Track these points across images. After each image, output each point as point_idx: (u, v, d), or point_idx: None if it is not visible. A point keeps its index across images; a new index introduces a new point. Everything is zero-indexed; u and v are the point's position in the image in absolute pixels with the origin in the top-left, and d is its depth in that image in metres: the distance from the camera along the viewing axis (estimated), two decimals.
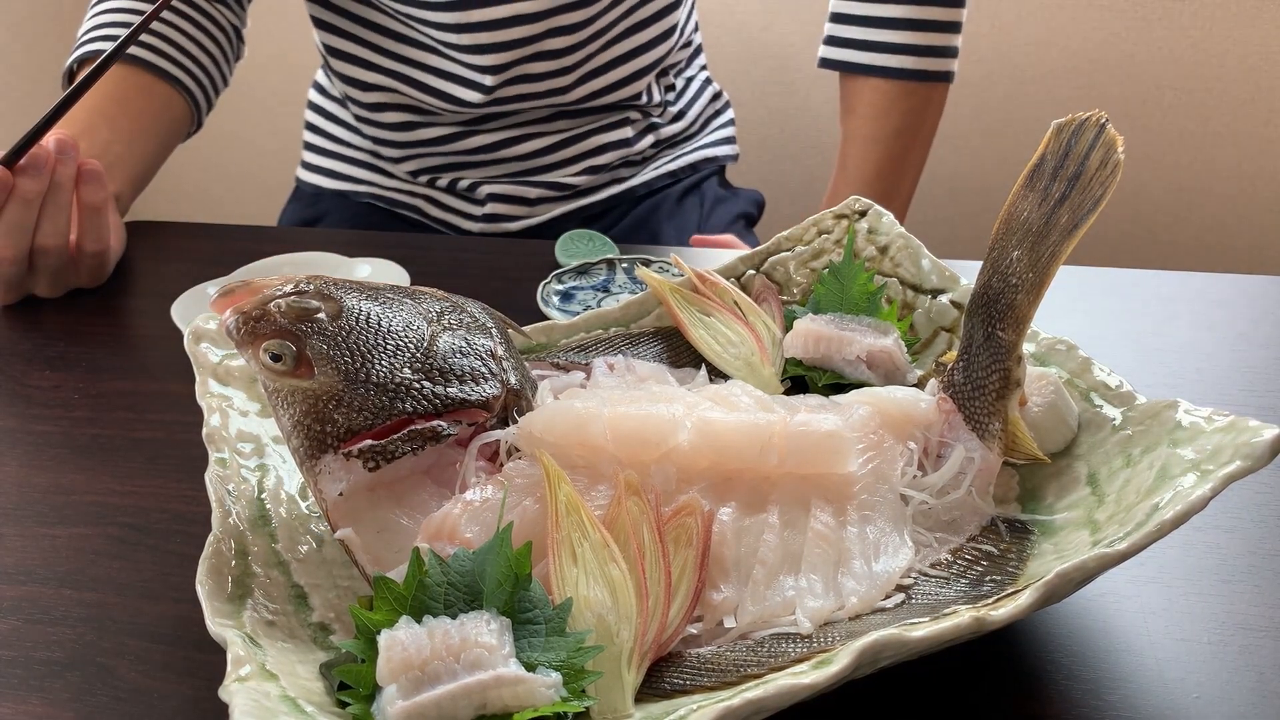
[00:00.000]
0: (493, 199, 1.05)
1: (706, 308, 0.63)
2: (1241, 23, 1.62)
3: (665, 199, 1.10)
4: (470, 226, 1.07)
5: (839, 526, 0.47)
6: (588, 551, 0.43)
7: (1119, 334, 0.72)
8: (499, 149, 1.05)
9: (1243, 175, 1.70)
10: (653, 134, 1.10)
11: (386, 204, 1.10)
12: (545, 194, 1.06)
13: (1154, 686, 0.45)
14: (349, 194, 1.12)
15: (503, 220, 1.06)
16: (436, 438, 0.47)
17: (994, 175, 1.79)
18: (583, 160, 1.06)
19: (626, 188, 1.08)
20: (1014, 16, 1.70)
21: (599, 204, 1.08)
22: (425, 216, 1.09)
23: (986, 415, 0.50)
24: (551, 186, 1.06)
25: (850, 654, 0.38)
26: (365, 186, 1.11)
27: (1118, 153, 0.47)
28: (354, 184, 1.12)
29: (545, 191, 1.06)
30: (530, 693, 0.39)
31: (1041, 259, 0.49)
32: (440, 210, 1.08)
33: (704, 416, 0.48)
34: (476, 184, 1.06)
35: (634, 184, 1.09)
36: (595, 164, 1.06)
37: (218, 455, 0.51)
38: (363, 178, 1.11)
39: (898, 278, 0.66)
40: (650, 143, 1.10)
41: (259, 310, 0.48)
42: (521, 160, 1.05)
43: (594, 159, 1.06)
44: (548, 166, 1.06)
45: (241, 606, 0.44)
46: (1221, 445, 0.44)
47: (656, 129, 1.10)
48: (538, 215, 1.06)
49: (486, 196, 1.05)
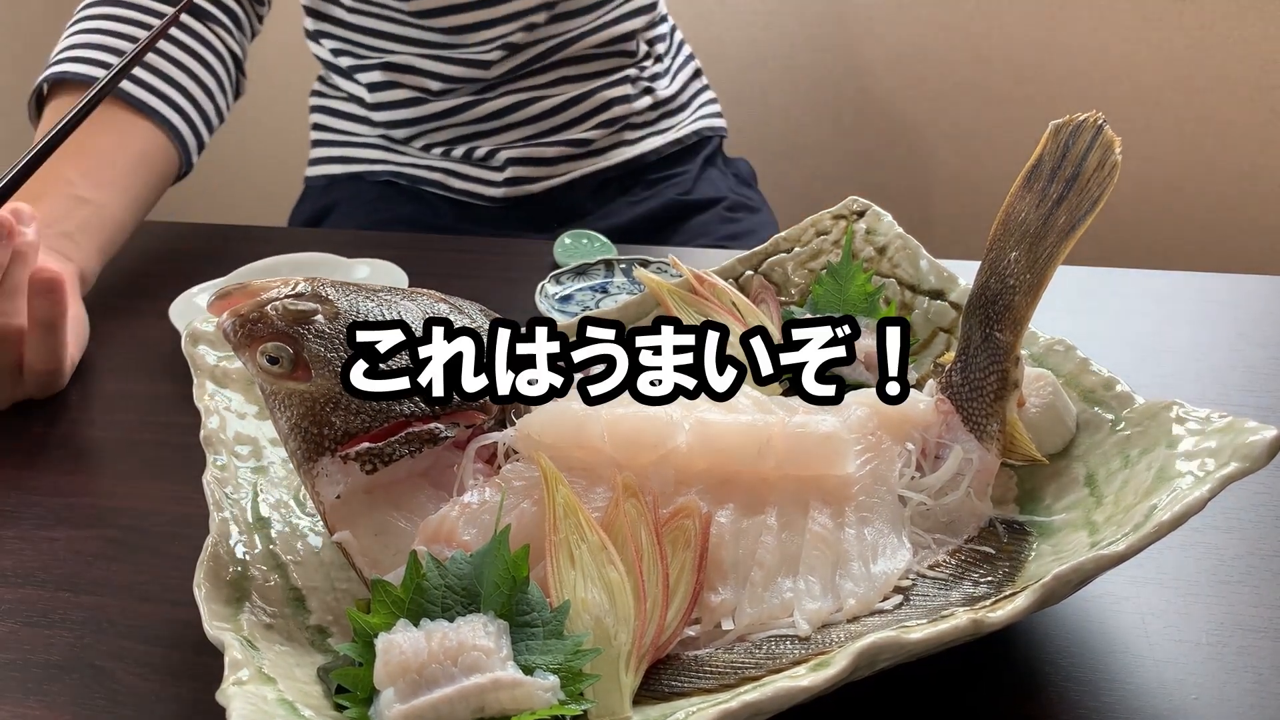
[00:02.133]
0: (512, 163, 1.05)
1: (704, 309, 0.63)
2: (1241, 23, 1.62)
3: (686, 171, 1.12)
4: (493, 193, 1.06)
5: (837, 528, 0.47)
6: (585, 554, 0.43)
7: (1117, 334, 0.72)
8: (508, 113, 1.05)
9: (1242, 175, 1.70)
10: (649, 96, 1.12)
11: (408, 180, 1.08)
12: (563, 151, 1.06)
13: (1152, 687, 0.45)
14: (364, 175, 1.10)
15: (525, 183, 1.06)
16: (434, 440, 0.47)
17: (993, 175, 1.79)
18: (592, 116, 1.07)
19: (638, 152, 1.10)
20: (1014, 16, 1.70)
21: (616, 168, 1.09)
22: (448, 190, 1.08)
23: (984, 416, 0.50)
24: (567, 144, 1.06)
25: (848, 656, 0.38)
26: (380, 166, 1.10)
27: (1115, 153, 0.47)
28: (368, 165, 1.10)
29: (563, 149, 1.06)
30: (528, 696, 0.39)
31: (1039, 260, 0.49)
32: (461, 181, 1.07)
33: (702, 418, 0.48)
34: (493, 151, 1.05)
35: (644, 150, 1.11)
36: (604, 119, 1.08)
37: (215, 458, 0.51)
38: (375, 158, 1.10)
39: (896, 278, 0.66)
40: (649, 104, 1.12)
41: (256, 313, 0.48)
42: (533, 123, 1.06)
43: (602, 114, 1.08)
44: (559, 126, 1.07)
45: (239, 609, 0.44)
46: (1220, 446, 0.43)
47: (652, 91, 1.13)
48: (559, 175, 1.07)
49: (505, 161, 1.05)
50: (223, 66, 0.93)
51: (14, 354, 0.67)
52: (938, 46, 1.70)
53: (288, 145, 1.37)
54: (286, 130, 1.47)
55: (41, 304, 0.66)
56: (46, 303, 0.66)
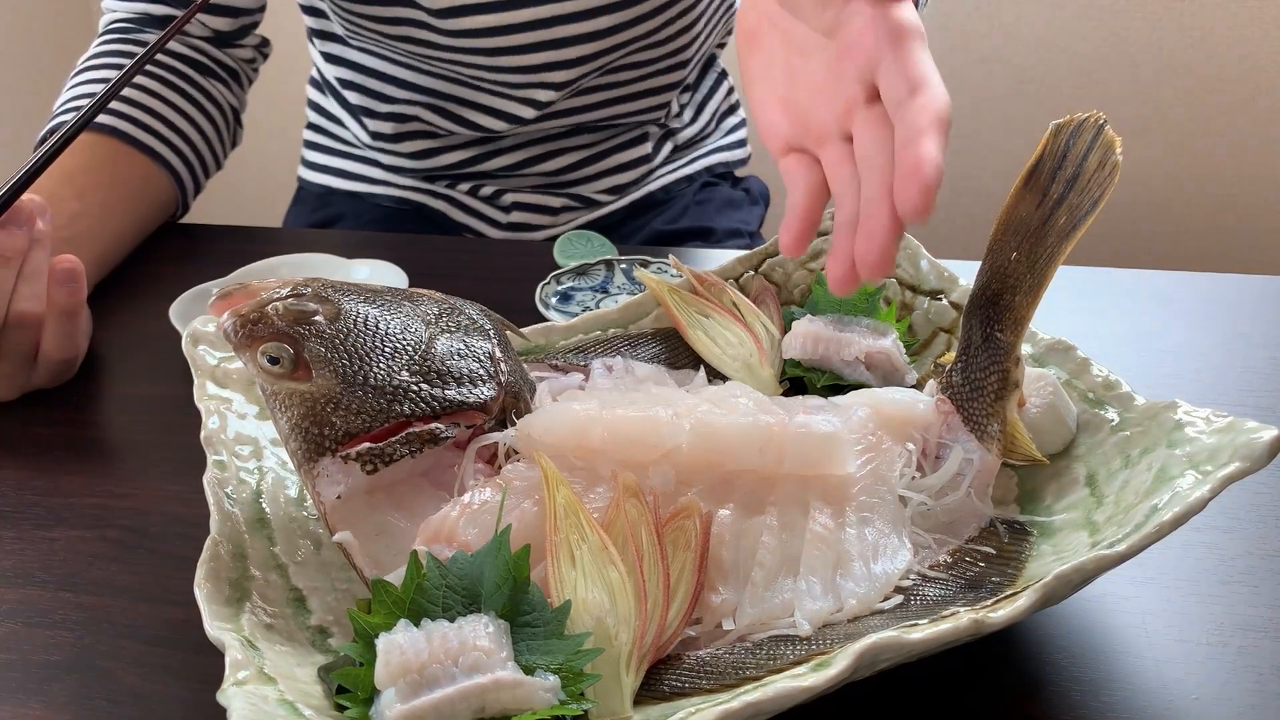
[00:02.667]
0: (518, 207, 1.04)
1: (705, 309, 0.63)
2: (1241, 22, 1.62)
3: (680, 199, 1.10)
4: (495, 234, 1.06)
5: (838, 528, 0.47)
6: (586, 554, 0.43)
7: (1118, 334, 0.72)
8: (521, 168, 1.04)
9: (1242, 175, 1.70)
10: (670, 140, 1.10)
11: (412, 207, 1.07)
12: (569, 204, 1.05)
13: (1153, 688, 0.45)
14: (364, 195, 1.09)
15: (528, 230, 1.05)
16: (434, 440, 0.47)
17: (993, 176, 1.79)
18: (606, 178, 1.06)
19: (645, 193, 1.08)
20: (1014, 16, 1.70)
21: (620, 211, 1.08)
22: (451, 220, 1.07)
23: (985, 416, 0.50)
24: (575, 198, 1.05)
25: (849, 656, 0.38)
26: (381, 188, 1.08)
27: (1116, 154, 0.47)
28: (369, 184, 1.08)
29: (569, 202, 1.05)
30: (529, 696, 0.39)
31: (1039, 260, 0.49)
32: (464, 214, 1.06)
33: (702, 418, 0.48)
34: (500, 191, 1.05)
35: (652, 189, 1.09)
36: (618, 182, 1.06)
37: (216, 458, 0.51)
38: (377, 177, 1.08)
39: (896, 278, 0.66)
40: (669, 150, 1.10)
41: (256, 313, 0.48)
42: (544, 176, 1.05)
43: (616, 177, 1.06)
44: (571, 182, 1.05)
45: (240, 610, 0.44)
46: (1220, 446, 0.43)
47: (674, 134, 1.10)
48: (560, 225, 1.06)
49: (511, 204, 1.04)
50: (222, 118, 0.97)
51: (32, 339, 0.68)
52: (938, 46, 1.70)
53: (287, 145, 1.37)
54: (287, 130, 1.47)
55: (61, 292, 0.68)
56: (66, 291, 0.68)
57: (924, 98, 0.43)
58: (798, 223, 0.50)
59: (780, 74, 0.53)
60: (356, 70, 1.02)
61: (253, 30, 0.99)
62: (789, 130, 0.52)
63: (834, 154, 0.49)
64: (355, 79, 1.03)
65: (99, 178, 0.85)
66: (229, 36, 0.96)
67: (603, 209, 1.07)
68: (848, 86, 0.48)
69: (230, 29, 0.96)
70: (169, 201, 0.93)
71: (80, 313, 0.70)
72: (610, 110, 1.02)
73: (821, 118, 0.50)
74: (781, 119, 0.53)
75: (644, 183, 1.09)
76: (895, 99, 0.44)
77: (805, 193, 0.50)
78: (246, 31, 0.98)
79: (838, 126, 0.49)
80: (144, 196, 0.90)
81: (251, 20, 0.97)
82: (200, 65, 0.95)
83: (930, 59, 0.45)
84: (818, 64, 0.51)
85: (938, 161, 0.41)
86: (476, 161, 1.03)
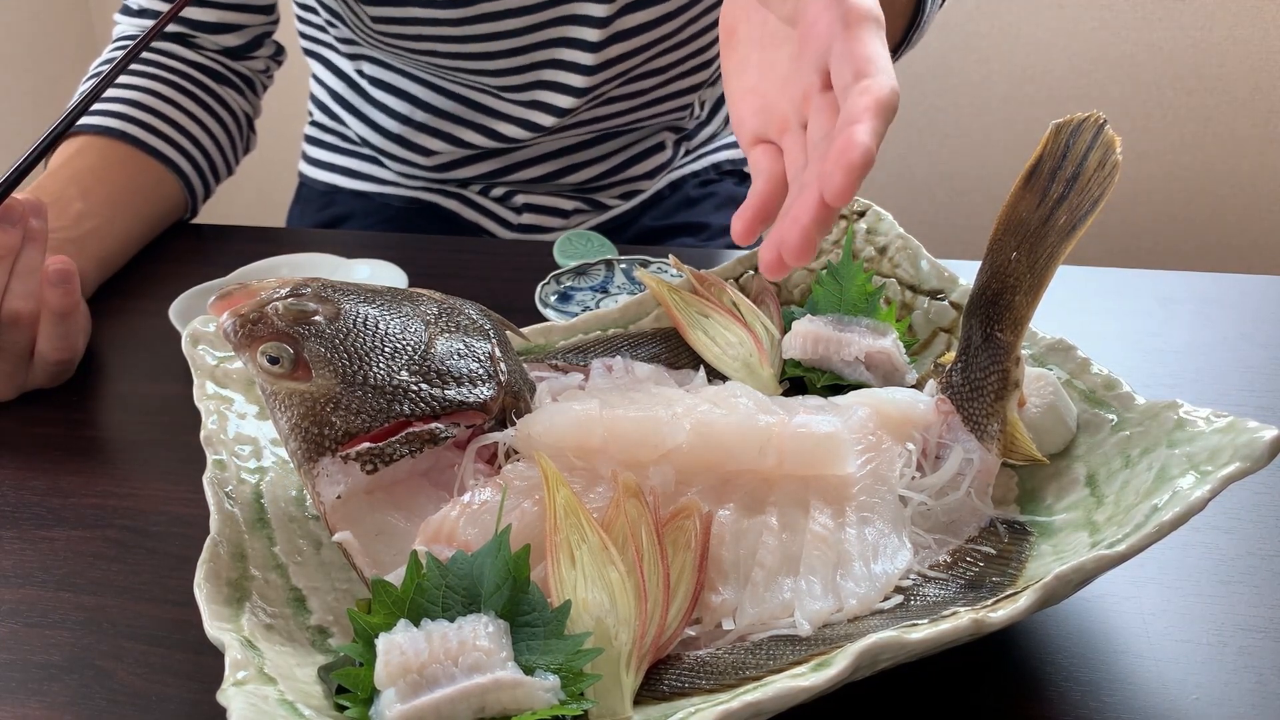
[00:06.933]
0: (529, 209, 1.04)
1: (705, 309, 0.63)
2: (1241, 22, 1.62)
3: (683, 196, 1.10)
4: (506, 235, 1.05)
5: (838, 528, 0.47)
6: (586, 554, 0.43)
7: (1118, 334, 0.72)
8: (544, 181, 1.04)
9: (1242, 175, 1.70)
10: (686, 141, 1.10)
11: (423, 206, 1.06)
12: (580, 206, 1.05)
13: (1153, 688, 0.45)
14: (373, 195, 1.08)
15: (539, 231, 1.05)
16: (434, 440, 0.47)
17: (993, 175, 1.79)
18: (622, 185, 1.06)
19: (654, 193, 1.09)
20: (1014, 16, 1.70)
21: (631, 212, 1.08)
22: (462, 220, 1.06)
23: (985, 416, 0.50)
24: (588, 202, 1.05)
25: (849, 656, 0.38)
26: (390, 188, 1.07)
27: (1116, 153, 0.47)
28: (377, 184, 1.07)
29: (580, 205, 1.05)
30: (529, 696, 0.39)
31: (1040, 260, 0.49)
32: (474, 212, 1.06)
33: (703, 418, 0.48)
34: (511, 192, 1.04)
35: (660, 187, 1.09)
36: (634, 188, 1.06)
37: (216, 458, 0.51)
38: (385, 177, 1.07)
39: (896, 278, 0.66)
40: (684, 151, 1.10)
41: (256, 313, 0.48)
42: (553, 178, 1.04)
43: (633, 185, 1.06)
44: (587, 189, 1.05)
45: (240, 610, 0.44)
46: (1220, 446, 0.43)
47: (690, 136, 1.10)
48: (571, 227, 1.06)
49: (523, 206, 1.04)
50: (235, 124, 0.97)
51: (27, 338, 0.68)
52: (938, 46, 1.70)
53: (287, 145, 1.37)
54: (287, 130, 1.47)
55: (55, 293, 0.67)
56: (60, 292, 0.68)
57: (866, 81, 0.42)
58: (750, 211, 0.49)
59: (754, 67, 0.53)
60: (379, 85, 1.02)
61: (267, 39, 0.99)
62: (756, 121, 0.52)
63: (791, 143, 0.49)
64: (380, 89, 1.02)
65: (108, 180, 0.85)
66: (240, 50, 0.97)
67: (613, 211, 1.07)
68: (806, 75, 0.48)
69: (241, 43, 0.96)
70: (179, 205, 0.93)
71: (74, 314, 0.69)
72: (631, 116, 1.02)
73: (783, 108, 0.50)
74: (750, 111, 0.53)
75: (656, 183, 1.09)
76: (841, 85, 0.44)
77: (764, 181, 0.50)
78: (260, 42, 0.98)
79: (796, 115, 0.49)
80: (154, 199, 0.90)
81: (264, 31, 0.98)
82: (216, 74, 0.96)
83: (881, 43, 0.44)
84: (785, 54, 0.51)
85: (868, 145, 0.40)
86: (501, 174, 1.03)
